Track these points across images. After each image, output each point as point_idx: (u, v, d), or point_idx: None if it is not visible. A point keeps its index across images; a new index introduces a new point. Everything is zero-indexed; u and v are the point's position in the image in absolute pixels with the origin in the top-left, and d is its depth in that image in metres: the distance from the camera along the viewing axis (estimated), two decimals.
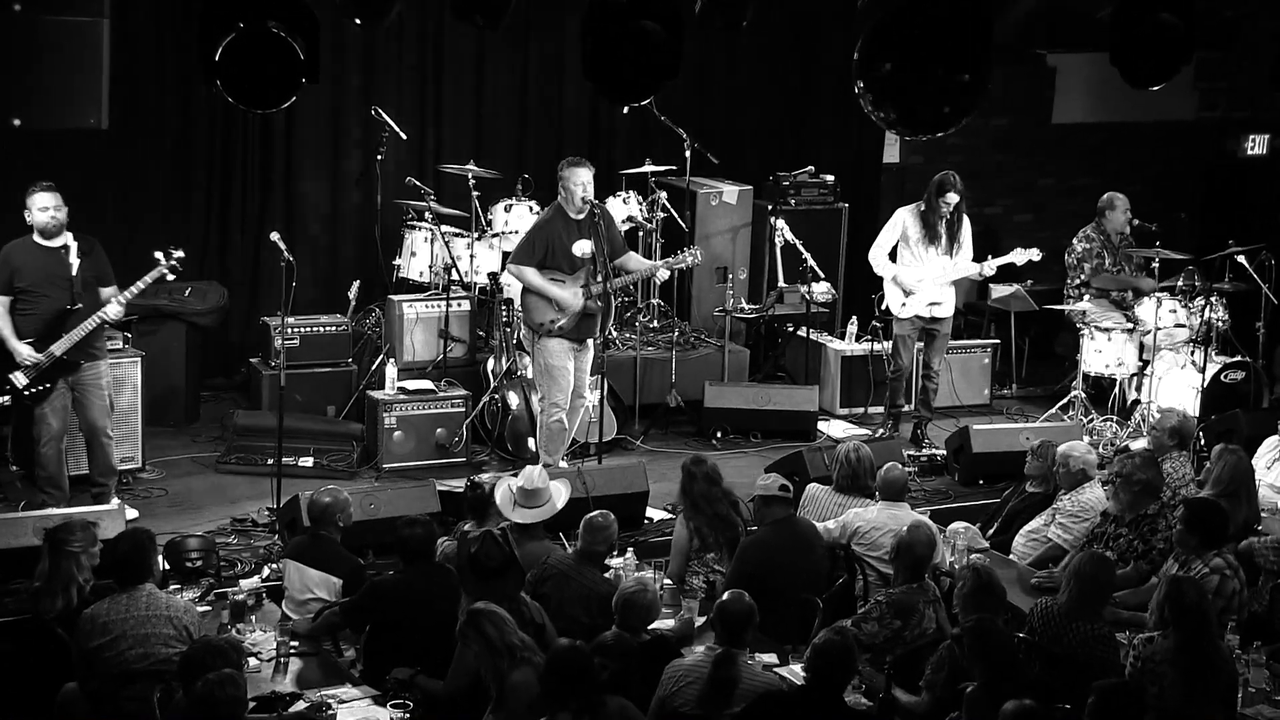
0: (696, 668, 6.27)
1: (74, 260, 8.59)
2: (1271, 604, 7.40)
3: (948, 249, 10.56)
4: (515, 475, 7.90)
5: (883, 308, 10.89)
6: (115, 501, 8.73)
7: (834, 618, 7.26)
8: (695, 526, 7.90)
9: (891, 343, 10.86)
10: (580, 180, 9.35)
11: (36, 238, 8.61)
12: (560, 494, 7.80)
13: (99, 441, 8.90)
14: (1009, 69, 12.42)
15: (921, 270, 10.54)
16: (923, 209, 10.53)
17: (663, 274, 9.90)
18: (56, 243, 8.60)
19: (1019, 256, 10.76)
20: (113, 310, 8.69)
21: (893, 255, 10.69)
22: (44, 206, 8.56)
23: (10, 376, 8.57)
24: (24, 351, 8.56)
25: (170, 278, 8.86)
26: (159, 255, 8.65)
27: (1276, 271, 11.72)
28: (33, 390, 8.59)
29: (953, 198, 10.43)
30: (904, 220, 10.62)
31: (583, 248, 9.42)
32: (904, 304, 10.63)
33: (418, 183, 10.88)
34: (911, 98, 6.74)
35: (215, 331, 10.98)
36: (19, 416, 8.95)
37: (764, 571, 7.40)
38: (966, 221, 10.66)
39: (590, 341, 9.57)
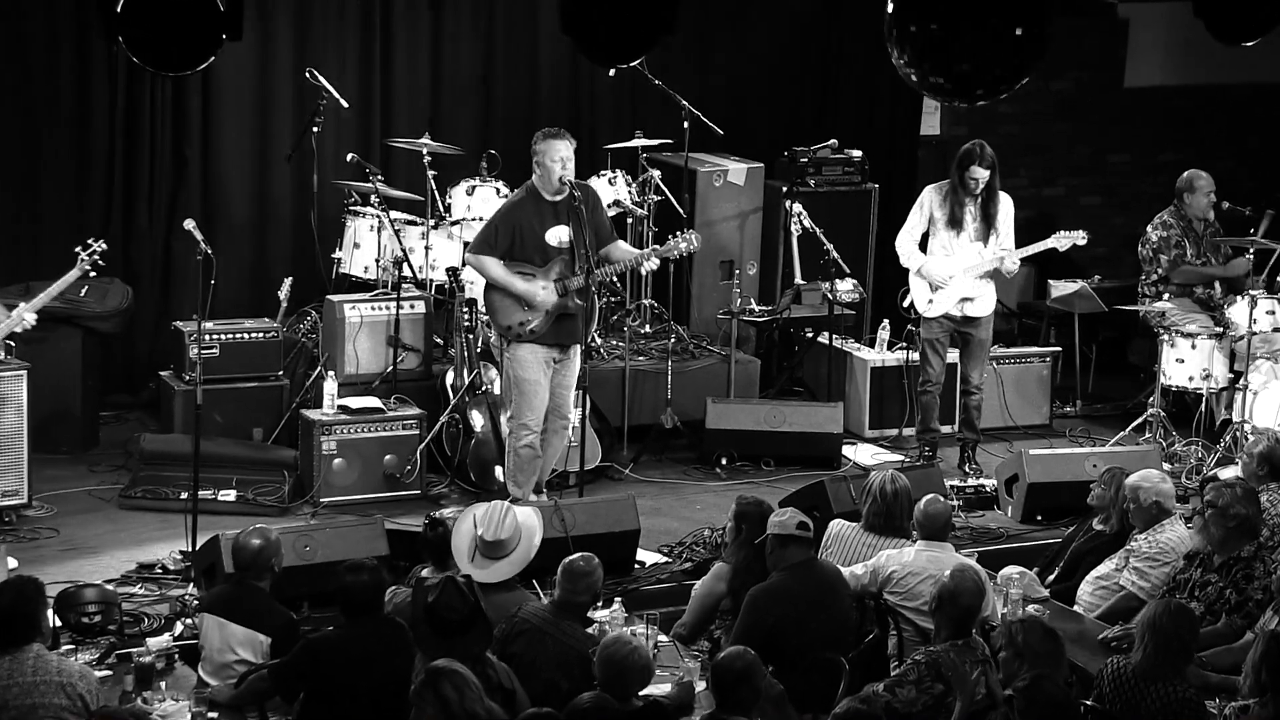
0: None
1: None
2: None
3: (982, 235, 10.59)
4: (480, 511, 7.87)
5: (905, 305, 10.93)
6: None
7: (863, 681, 7.27)
8: (736, 586, 7.84)
9: (919, 349, 10.90)
10: (558, 155, 9.37)
11: None
12: (532, 534, 7.77)
13: None
14: (1073, 22, 12.46)
15: (953, 263, 10.57)
16: (947, 188, 10.60)
17: (652, 264, 9.82)
18: None
19: (1060, 241, 10.79)
20: (28, 319, 8.57)
21: (923, 244, 10.74)
22: None
23: None
24: None
25: (93, 274, 8.83)
26: (79, 250, 8.61)
27: None
28: None
29: (979, 172, 10.44)
30: (930, 200, 10.67)
31: (559, 236, 9.44)
32: (931, 300, 10.68)
33: (362, 160, 10.90)
34: (956, 56, 6.75)
35: (117, 339, 10.99)
36: None
37: (779, 625, 7.41)
38: (1006, 202, 10.67)
39: (574, 351, 9.59)
